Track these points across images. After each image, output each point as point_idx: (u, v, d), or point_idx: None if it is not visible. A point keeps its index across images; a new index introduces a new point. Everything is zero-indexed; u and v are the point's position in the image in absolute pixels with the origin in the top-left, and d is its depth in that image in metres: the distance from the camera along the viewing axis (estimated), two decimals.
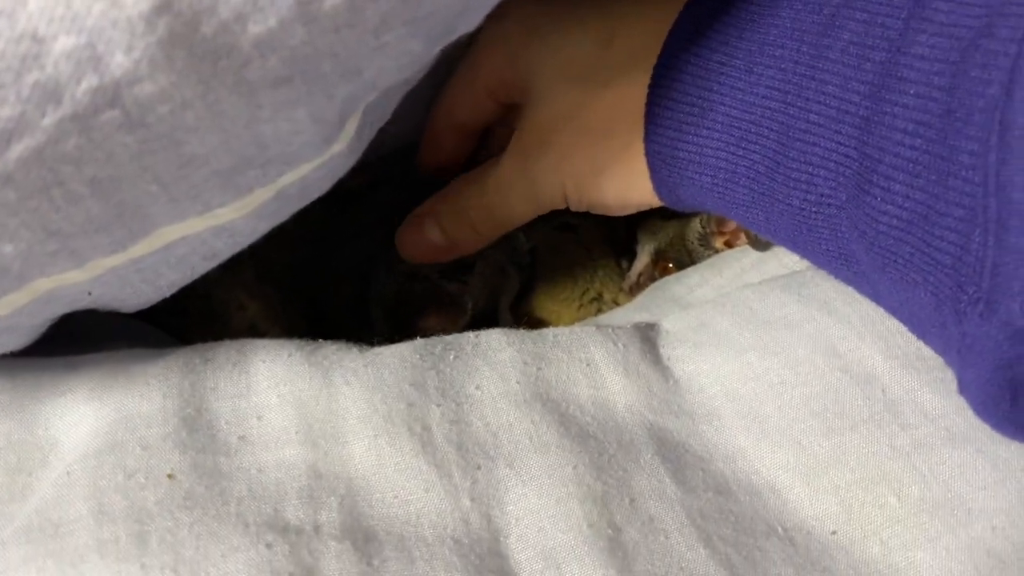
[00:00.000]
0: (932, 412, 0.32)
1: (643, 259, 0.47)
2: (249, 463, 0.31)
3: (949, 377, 0.33)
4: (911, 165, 0.26)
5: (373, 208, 0.48)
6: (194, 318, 0.42)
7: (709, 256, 0.45)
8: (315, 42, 0.24)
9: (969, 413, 0.32)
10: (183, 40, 0.23)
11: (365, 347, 0.36)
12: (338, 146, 0.29)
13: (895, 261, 0.27)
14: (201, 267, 0.31)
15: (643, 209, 0.38)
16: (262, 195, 0.29)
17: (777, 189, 0.30)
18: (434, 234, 0.42)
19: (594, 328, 0.37)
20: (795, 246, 0.32)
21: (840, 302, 0.36)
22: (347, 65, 0.25)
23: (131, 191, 0.26)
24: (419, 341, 0.36)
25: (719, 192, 0.33)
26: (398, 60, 0.26)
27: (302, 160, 0.28)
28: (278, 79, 0.24)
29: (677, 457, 0.33)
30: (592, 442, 0.33)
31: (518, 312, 0.47)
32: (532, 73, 0.38)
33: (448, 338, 0.36)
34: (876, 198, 0.27)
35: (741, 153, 0.31)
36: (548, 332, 0.37)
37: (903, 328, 0.34)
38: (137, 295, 0.31)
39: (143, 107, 0.24)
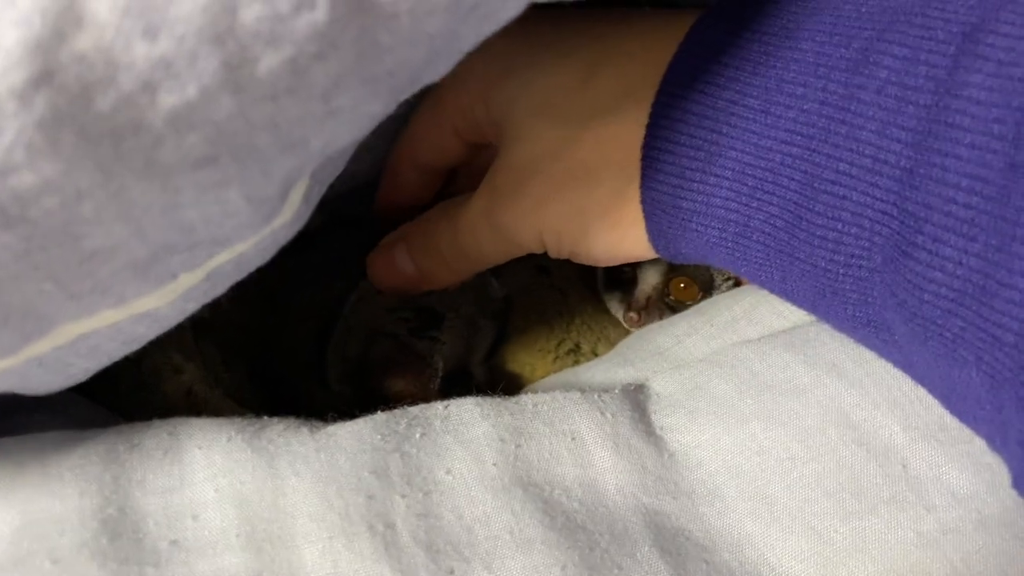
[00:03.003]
0: (961, 492, 0.29)
1: (650, 279, 0.42)
2: (182, 575, 0.27)
3: (977, 450, 0.30)
4: (965, 226, 0.22)
5: (331, 250, 0.43)
6: (123, 385, 0.37)
7: (725, 276, 0.41)
8: (247, 114, 0.20)
9: (1003, 494, 0.29)
10: (71, 119, 0.18)
11: (317, 424, 0.32)
12: (281, 219, 0.25)
13: (941, 335, 0.23)
14: (120, 352, 0.27)
15: (632, 261, 0.34)
16: (189, 280, 0.24)
17: (798, 247, 0.27)
18: (405, 263, 0.38)
19: (578, 394, 0.33)
20: (816, 310, 0.28)
21: (850, 363, 0.32)
22: (289, 137, 0.21)
23: (18, 292, 0.21)
24: (380, 416, 0.32)
25: (728, 248, 0.29)
26: (353, 124, 0.22)
27: (237, 240, 0.24)
28: (200, 159, 0.20)
29: (677, 548, 0.29)
30: (581, 534, 0.29)
31: (490, 364, 0.43)
32: (506, 111, 0.34)
33: (413, 411, 0.32)
34: (920, 263, 0.23)
35: (756, 205, 0.28)
36: (527, 400, 0.33)
37: (921, 393, 0.31)
38: (44, 384, 0.27)
39: (22, 201, 0.19)
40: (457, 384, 0.41)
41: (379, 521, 0.28)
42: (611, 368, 0.39)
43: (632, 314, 0.42)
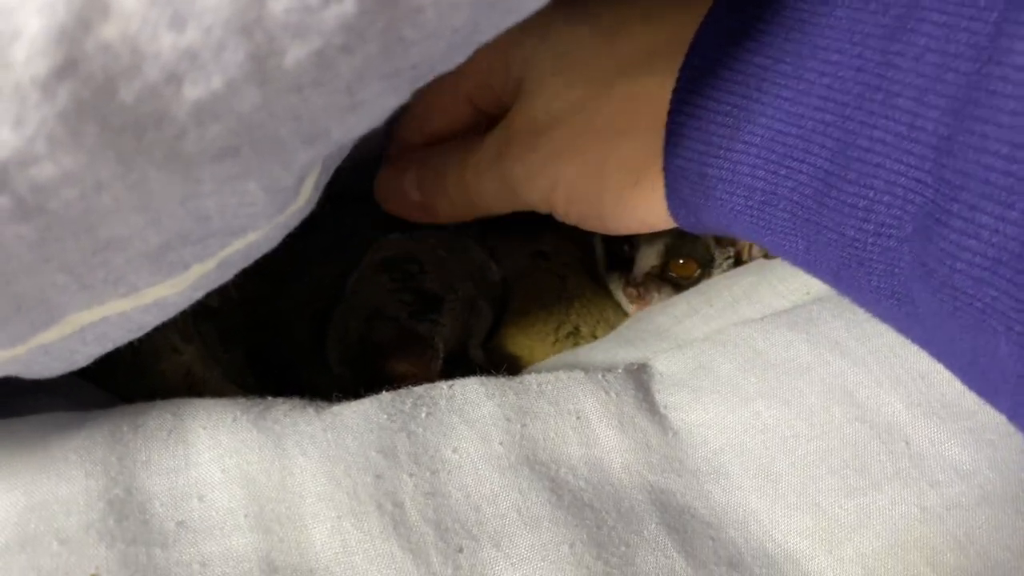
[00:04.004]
0: (963, 467, 0.29)
1: (649, 256, 0.42)
2: (190, 556, 0.27)
3: (979, 426, 0.30)
4: (1003, 194, 0.22)
5: (330, 232, 0.43)
6: (122, 367, 0.37)
7: (726, 255, 0.41)
8: (271, 106, 0.19)
9: (1004, 469, 0.29)
10: (94, 110, 0.18)
11: (322, 405, 0.31)
12: (294, 207, 0.24)
13: (971, 305, 0.23)
14: (125, 339, 0.26)
15: (644, 232, 0.34)
16: (201, 269, 0.24)
17: (827, 216, 0.27)
18: (412, 190, 0.38)
19: (582, 374, 0.33)
20: (838, 280, 0.28)
21: (853, 342, 0.32)
22: (311, 129, 0.21)
23: (31, 283, 0.21)
24: (385, 396, 0.32)
25: (752, 216, 0.29)
26: (372, 116, 0.22)
27: (251, 229, 0.24)
28: (223, 150, 0.20)
29: (683, 525, 0.29)
30: (588, 512, 0.29)
31: (488, 348, 0.43)
32: (527, 68, 0.33)
33: (418, 391, 0.32)
34: (954, 231, 0.23)
35: (784, 173, 0.27)
36: (532, 380, 0.33)
37: (924, 370, 0.31)
38: (46, 370, 0.26)
39: (42, 192, 0.19)
40: (457, 367, 0.41)
41: (387, 500, 0.28)
42: (613, 348, 0.39)
43: (631, 289, 0.42)
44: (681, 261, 0.42)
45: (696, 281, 0.42)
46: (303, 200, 0.25)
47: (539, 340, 0.42)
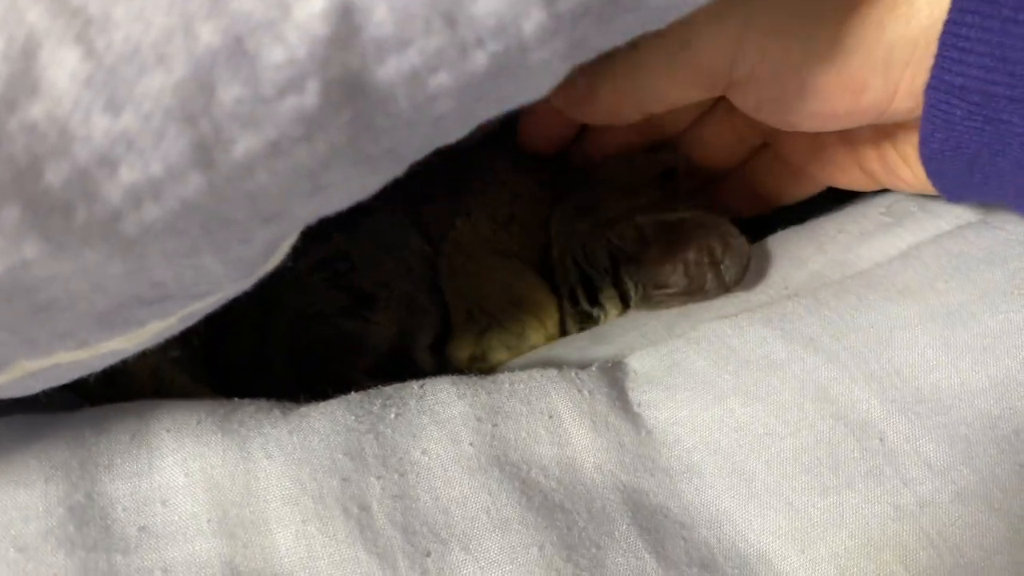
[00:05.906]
0: (937, 464, 0.29)
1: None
2: (152, 562, 0.26)
3: (953, 422, 0.30)
4: None
5: None
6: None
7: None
8: (220, 190, 0.18)
9: (978, 465, 0.29)
10: (16, 192, 0.17)
11: (289, 406, 0.31)
12: (264, 269, 0.23)
13: None
14: (80, 375, 0.26)
15: (837, 128, 0.29)
16: (160, 325, 0.23)
17: None
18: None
19: (555, 372, 0.33)
20: None
21: (827, 338, 0.32)
22: (270, 210, 0.20)
23: None
24: (354, 397, 0.31)
25: None
26: (347, 195, 0.20)
27: (215, 293, 0.23)
28: (166, 230, 0.19)
29: (655, 525, 0.29)
30: (559, 514, 0.29)
31: (442, 352, 0.42)
32: None
33: (388, 390, 0.32)
34: None
35: None
36: (504, 379, 0.32)
37: (898, 366, 0.31)
38: (4, 395, 0.26)
39: None
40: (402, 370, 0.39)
41: (354, 504, 0.28)
42: (588, 346, 0.39)
43: None
44: None
45: None
46: (276, 261, 0.24)
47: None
